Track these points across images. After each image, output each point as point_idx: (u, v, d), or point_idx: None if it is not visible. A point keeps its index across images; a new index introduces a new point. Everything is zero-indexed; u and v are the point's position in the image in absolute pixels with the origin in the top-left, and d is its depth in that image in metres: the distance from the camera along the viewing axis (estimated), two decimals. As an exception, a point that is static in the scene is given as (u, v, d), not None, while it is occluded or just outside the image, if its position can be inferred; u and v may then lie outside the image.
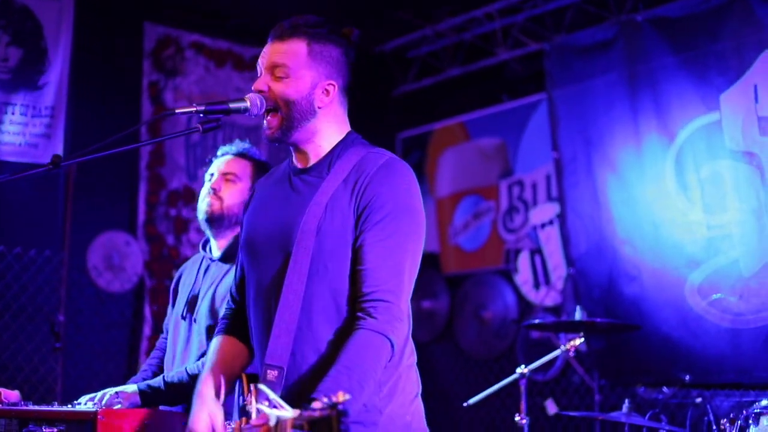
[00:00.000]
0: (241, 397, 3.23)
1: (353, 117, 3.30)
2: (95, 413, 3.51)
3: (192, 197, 8.21)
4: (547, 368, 7.81)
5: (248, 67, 8.63)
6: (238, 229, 4.38)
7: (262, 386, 2.60)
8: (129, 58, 8.14)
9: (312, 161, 3.22)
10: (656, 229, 6.90)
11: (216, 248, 4.46)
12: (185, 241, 8.02)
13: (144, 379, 4.41)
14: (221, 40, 8.57)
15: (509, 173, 8.58)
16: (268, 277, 3.14)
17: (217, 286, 4.30)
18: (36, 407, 3.80)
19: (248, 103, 3.18)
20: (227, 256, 4.38)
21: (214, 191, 4.42)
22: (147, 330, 7.91)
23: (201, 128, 3.19)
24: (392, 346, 2.97)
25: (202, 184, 4.54)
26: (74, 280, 7.62)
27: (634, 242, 7.02)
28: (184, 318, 4.41)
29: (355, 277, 3.03)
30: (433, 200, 9.11)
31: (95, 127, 7.45)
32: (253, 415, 2.95)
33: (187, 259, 7.83)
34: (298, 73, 3.15)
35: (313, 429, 2.20)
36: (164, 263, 8.07)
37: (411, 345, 3.23)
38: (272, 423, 2.40)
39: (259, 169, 4.44)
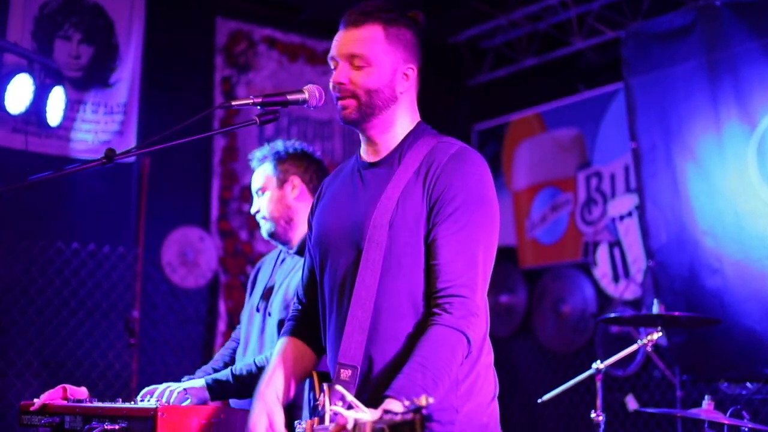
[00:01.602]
0: (311, 395, 3.16)
1: (428, 109, 3.23)
2: (156, 410, 3.46)
3: (266, 192, 8.20)
4: (627, 363, 7.65)
5: (321, 60, 8.59)
6: (300, 221, 4.38)
7: (338, 386, 2.51)
8: (201, 53, 8.17)
9: (382, 154, 3.16)
10: (738, 220, 6.69)
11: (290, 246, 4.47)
12: (258, 237, 7.98)
13: (215, 369, 4.40)
14: (293, 35, 8.54)
15: (587, 164, 8.42)
16: (341, 274, 3.07)
17: (290, 278, 4.27)
18: (99, 404, 3.77)
19: (306, 95, 3.14)
20: (302, 249, 4.37)
21: (258, 213, 4.52)
22: (222, 326, 7.91)
23: (258, 120, 3.14)
24: (469, 341, 2.89)
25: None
26: (149, 276, 7.66)
27: (716, 233, 6.81)
28: (258, 310, 4.41)
29: (430, 272, 2.95)
30: (509, 193, 8.99)
31: (168, 124, 7.42)
32: (327, 417, 2.88)
33: (262, 254, 7.84)
34: (379, 59, 3.08)
35: None
36: (238, 259, 8.07)
37: (488, 344, 3.14)
38: (350, 426, 2.30)
39: (280, 159, 4.50)
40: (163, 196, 7.74)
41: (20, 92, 6.42)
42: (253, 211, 4.56)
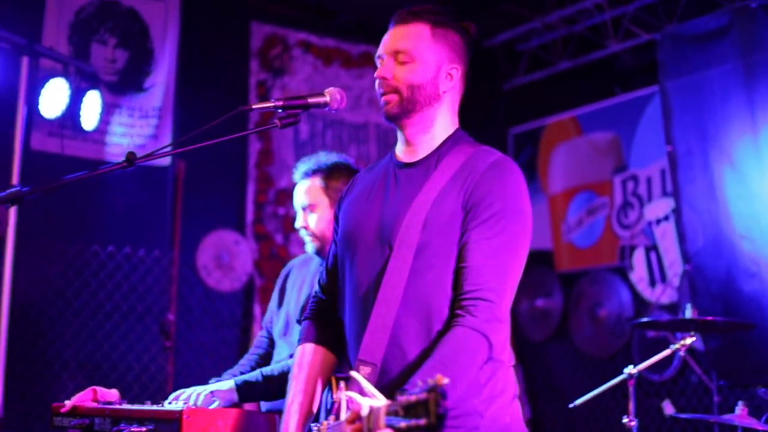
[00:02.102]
0: (329, 398, 3.15)
1: (464, 112, 3.24)
2: (181, 413, 3.49)
3: (300, 196, 8.21)
4: (663, 368, 7.58)
5: (356, 64, 8.59)
6: None
7: (354, 374, 2.48)
8: (236, 57, 8.20)
9: (419, 155, 3.16)
10: (776, 224, 6.62)
11: None
12: (294, 240, 8.00)
13: (242, 373, 4.38)
14: (328, 38, 8.55)
15: (623, 168, 8.37)
16: (367, 271, 3.07)
17: None
18: (127, 406, 3.80)
19: (328, 98, 3.14)
20: None
21: (304, 229, 4.44)
22: (257, 329, 7.92)
23: (279, 124, 3.14)
24: (490, 345, 2.87)
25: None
26: (184, 279, 7.69)
27: (753, 237, 6.74)
28: (299, 322, 4.37)
29: (458, 274, 2.94)
30: (545, 197, 8.95)
31: (199, 130, 7.47)
32: (343, 412, 2.88)
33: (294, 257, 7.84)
34: (423, 56, 3.10)
35: (408, 415, 2.09)
36: (273, 262, 8.08)
37: (510, 348, 3.12)
38: (364, 412, 2.29)
39: (331, 175, 4.41)
40: (198, 200, 7.77)
41: (56, 96, 6.47)
42: (298, 225, 4.47)
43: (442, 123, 3.16)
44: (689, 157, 7.16)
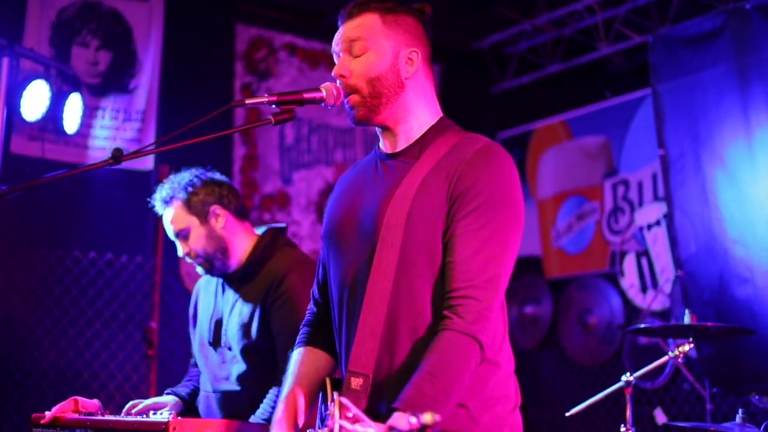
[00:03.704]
0: (323, 405, 3.02)
1: (452, 116, 3.09)
2: (167, 423, 3.38)
3: (286, 201, 8.09)
4: (655, 376, 7.48)
5: (342, 67, 8.48)
6: (234, 246, 4.22)
7: (344, 400, 2.39)
8: (221, 60, 8.08)
9: (402, 145, 3.01)
10: (769, 228, 6.53)
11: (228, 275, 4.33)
12: (279, 246, 7.87)
13: (188, 393, 4.35)
14: (314, 41, 8.44)
15: (614, 172, 8.28)
16: (352, 272, 2.92)
17: (239, 308, 4.21)
18: (110, 417, 3.69)
19: (324, 93, 3.01)
20: (240, 278, 4.26)
21: (188, 256, 4.32)
22: (242, 337, 7.79)
23: (273, 120, 3.02)
24: (481, 347, 2.72)
25: (296, 189, 4.44)
26: (167, 286, 7.55)
27: (746, 242, 6.65)
28: (211, 344, 4.28)
29: (445, 269, 2.79)
30: (534, 202, 8.85)
31: (187, 131, 7.35)
32: (336, 430, 2.75)
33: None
34: (377, 43, 2.97)
35: None
36: (258, 269, 7.95)
37: (509, 351, 2.97)
38: None
39: (188, 194, 4.29)
40: (182, 205, 7.63)
41: (37, 99, 6.35)
42: (181, 254, 4.35)
43: (419, 110, 3.01)
44: (681, 160, 7.07)
